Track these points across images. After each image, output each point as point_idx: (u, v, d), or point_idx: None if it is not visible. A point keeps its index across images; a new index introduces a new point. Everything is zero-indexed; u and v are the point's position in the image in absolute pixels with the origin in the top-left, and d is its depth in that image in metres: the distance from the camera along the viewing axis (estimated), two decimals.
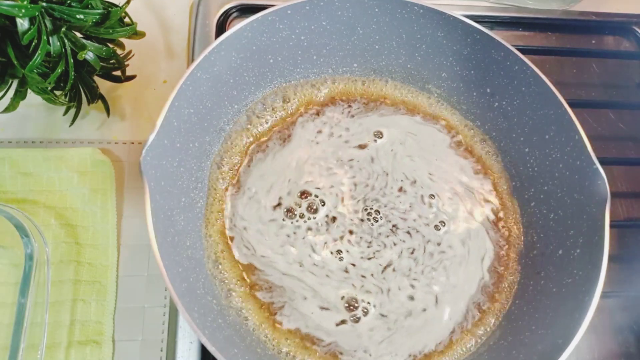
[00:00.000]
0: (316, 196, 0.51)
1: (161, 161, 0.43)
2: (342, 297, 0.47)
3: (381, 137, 0.55)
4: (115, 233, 0.51)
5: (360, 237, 0.50)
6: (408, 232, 0.51)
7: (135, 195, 0.54)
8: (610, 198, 0.44)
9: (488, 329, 0.48)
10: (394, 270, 0.49)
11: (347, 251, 0.49)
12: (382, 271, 0.49)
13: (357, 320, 0.47)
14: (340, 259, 0.49)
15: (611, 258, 0.43)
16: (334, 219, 0.50)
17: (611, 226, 0.43)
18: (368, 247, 0.50)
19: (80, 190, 0.52)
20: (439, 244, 0.51)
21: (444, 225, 0.52)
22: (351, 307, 0.47)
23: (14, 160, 0.52)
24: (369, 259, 0.49)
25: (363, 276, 0.49)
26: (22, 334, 0.42)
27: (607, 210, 0.44)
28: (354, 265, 0.49)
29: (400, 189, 0.53)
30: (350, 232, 0.50)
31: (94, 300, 0.48)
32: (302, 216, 0.50)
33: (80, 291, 0.49)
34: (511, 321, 0.48)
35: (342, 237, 0.50)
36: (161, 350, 0.48)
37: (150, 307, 0.50)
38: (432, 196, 0.53)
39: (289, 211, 0.50)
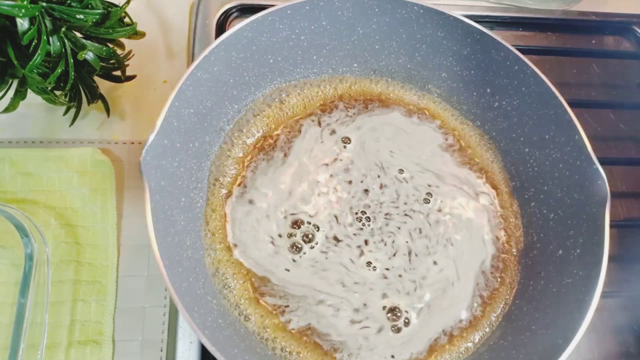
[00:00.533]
0: (309, 223, 0.50)
1: (161, 161, 0.43)
2: (384, 307, 0.47)
3: (349, 143, 0.54)
4: (115, 233, 0.51)
5: (374, 243, 0.50)
6: (406, 214, 0.51)
7: (135, 195, 0.54)
8: (610, 198, 0.44)
9: (488, 329, 0.48)
10: (416, 255, 0.50)
11: (376, 259, 0.49)
12: (409, 261, 0.49)
13: (398, 330, 0.47)
14: (374, 268, 0.49)
15: (611, 258, 0.43)
16: (335, 237, 0.50)
17: (611, 226, 0.43)
18: (385, 245, 0.50)
19: (80, 190, 0.52)
20: (439, 210, 0.52)
21: (431, 196, 0.52)
22: (394, 317, 0.47)
23: (14, 160, 0.52)
24: (394, 255, 0.50)
25: (400, 275, 0.49)
26: (22, 334, 0.42)
27: (607, 210, 0.44)
28: (388, 269, 0.49)
29: (381, 186, 0.53)
30: (367, 243, 0.50)
31: (94, 300, 0.48)
32: (312, 243, 0.49)
33: (80, 291, 0.49)
34: (511, 321, 0.48)
35: (361, 254, 0.49)
36: (161, 350, 0.48)
37: (150, 307, 0.50)
38: (401, 171, 0.53)
39: (292, 246, 0.49)
